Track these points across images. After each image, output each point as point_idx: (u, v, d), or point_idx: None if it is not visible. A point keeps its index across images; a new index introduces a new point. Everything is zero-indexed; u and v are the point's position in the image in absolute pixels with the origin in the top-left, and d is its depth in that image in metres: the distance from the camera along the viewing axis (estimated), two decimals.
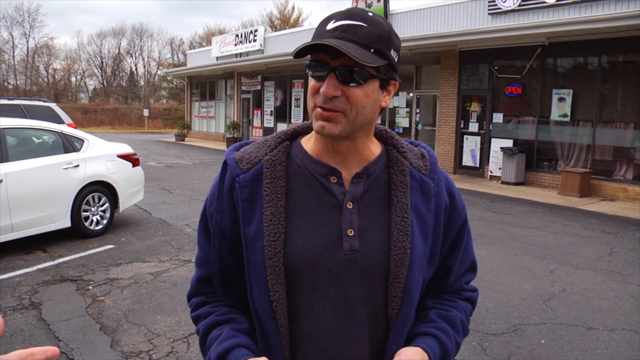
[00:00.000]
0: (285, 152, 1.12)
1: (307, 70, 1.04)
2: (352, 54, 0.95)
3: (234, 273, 1.14)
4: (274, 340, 1.07)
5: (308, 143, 1.14)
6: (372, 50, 0.99)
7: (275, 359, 1.07)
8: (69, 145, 6.43)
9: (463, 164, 13.56)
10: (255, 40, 21.42)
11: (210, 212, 1.14)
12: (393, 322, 1.09)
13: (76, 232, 6.41)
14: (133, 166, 7.18)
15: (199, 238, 1.20)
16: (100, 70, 54.40)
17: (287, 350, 1.08)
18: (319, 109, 1.02)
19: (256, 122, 22.27)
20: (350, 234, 1.07)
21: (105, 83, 54.16)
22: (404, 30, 14.75)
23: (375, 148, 1.15)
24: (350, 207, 1.08)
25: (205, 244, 1.17)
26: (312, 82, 1.04)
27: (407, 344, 1.10)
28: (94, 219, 6.60)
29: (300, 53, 1.02)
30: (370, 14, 1.03)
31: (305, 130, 1.19)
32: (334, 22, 1.01)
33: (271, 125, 21.33)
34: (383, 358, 1.09)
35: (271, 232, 1.05)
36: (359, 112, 1.02)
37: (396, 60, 1.06)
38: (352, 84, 1.00)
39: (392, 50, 1.03)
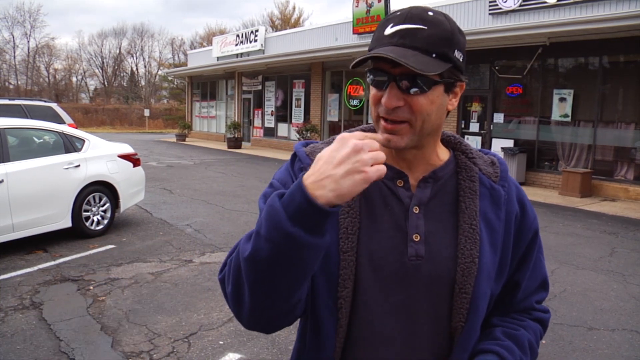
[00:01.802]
0: None
1: (368, 78, 0.99)
2: (411, 64, 0.89)
3: None
4: (328, 340, 1.02)
5: None
6: (433, 55, 0.93)
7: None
8: (69, 145, 6.43)
9: None
10: (256, 41, 21.44)
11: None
12: (458, 336, 1.02)
13: (77, 232, 6.41)
14: (134, 166, 7.19)
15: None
16: (101, 70, 54.50)
17: (339, 353, 1.03)
18: (383, 121, 0.98)
19: (257, 122, 22.29)
20: (416, 240, 1.02)
21: (106, 83, 54.22)
22: None
23: (442, 154, 1.10)
24: (417, 211, 1.04)
25: None
26: (373, 91, 0.99)
27: None
28: (95, 219, 6.60)
29: (359, 62, 0.97)
30: (430, 13, 0.96)
31: (370, 131, 1.12)
32: (392, 27, 0.95)
33: (272, 125, 21.34)
34: None
35: (349, 224, 1.00)
36: (425, 121, 0.97)
37: (462, 59, 0.99)
38: (414, 93, 0.94)
39: (455, 50, 0.96)
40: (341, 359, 1.04)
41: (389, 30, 0.95)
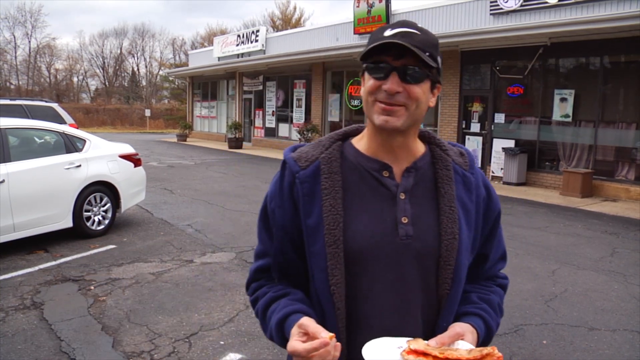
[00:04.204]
0: (339, 151, 1.24)
1: (366, 71, 1.15)
2: (418, 52, 1.08)
3: (293, 265, 1.25)
4: (331, 322, 1.16)
5: (359, 143, 1.26)
6: (427, 54, 1.11)
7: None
8: (70, 145, 6.43)
9: None
10: (257, 41, 21.43)
11: (272, 208, 1.25)
12: (444, 302, 1.19)
13: (78, 232, 6.41)
14: (135, 166, 7.19)
15: (259, 232, 1.32)
16: (102, 71, 54.51)
17: (344, 332, 1.16)
18: (381, 104, 1.13)
19: (258, 122, 22.29)
20: (405, 222, 1.17)
21: (107, 83, 54.23)
22: None
23: (420, 147, 1.26)
24: (403, 197, 1.19)
25: (265, 238, 1.29)
26: (370, 82, 1.14)
27: (454, 321, 1.21)
28: (96, 219, 6.61)
29: (364, 56, 1.13)
30: (419, 25, 1.16)
31: (354, 132, 1.31)
32: (391, 30, 1.13)
33: (273, 125, 21.35)
34: (434, 334, 1.17)
35: (330, 221, 1.15)
36: (417, 106, 1.14)
37: (441, 66, 1.19)
38: (411, 82, 1.12)
39: (438, 57, 1.16)
40: (347, 334, 1.17)
41: (388, 32, 1.13)
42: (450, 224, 1.18)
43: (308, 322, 1.09)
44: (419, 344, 1.07)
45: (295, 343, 1.06)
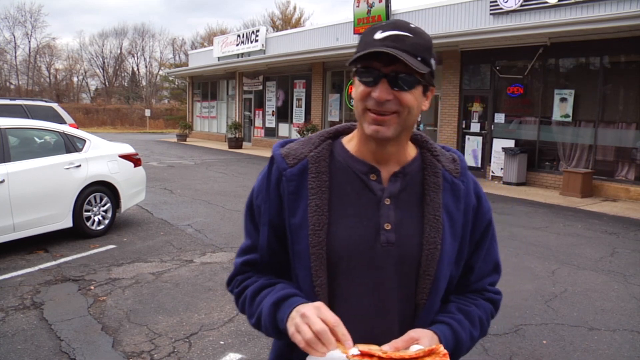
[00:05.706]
0: (329, 150, 1.21)
1: (356, 77, 1.11)
2: (407, 60, 1.03)
3: (281, 260, 1.23)
4: None
5: (350, 143, 1.23)
6: (418, 59, 1.07)
7: None
8: (70, 145, 6.43)
9: None
10: (256, 41, 21.44)
11: (258, 203, 1.24)
12: (420, 310, 1.17)
13: (78, 232, 6.41)
14: (135, 166, 7.19)
15: (246, 227, 1.29)
16: (102, 71, 54.51)
17: None
18: (372, 114, 1.10)
19: (258, 122, 22.29)
20: (387, 228, 1.15)
21: (107, 83, 54.24)
22: None
23: (411, 151, 1.23)
24: (388, 203, 1.17)
25: (253, 233, 1.27)
26: (360, 88, 1.11)
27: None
28: (96, 219, 6.61)
29: (353, 60, 1.09)
30: (412, 25, 1.11)
31: (346, 130, 1.28)
32: (382, 32, 1.08)
33: (273, 125, 21.34)
34: None
35: (315, 222, 1.14)
36: (409, 112, 1.11)
37: (434, 68, 1.14)
38: (402, 89, 1.08)
39: (431, 59, 1.12)
40: None
41: (379, 35, 1.08)
42: (433, 233, 1.15)
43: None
44: (369, 347, 1.05)
45: (326, 311, 1.05)
